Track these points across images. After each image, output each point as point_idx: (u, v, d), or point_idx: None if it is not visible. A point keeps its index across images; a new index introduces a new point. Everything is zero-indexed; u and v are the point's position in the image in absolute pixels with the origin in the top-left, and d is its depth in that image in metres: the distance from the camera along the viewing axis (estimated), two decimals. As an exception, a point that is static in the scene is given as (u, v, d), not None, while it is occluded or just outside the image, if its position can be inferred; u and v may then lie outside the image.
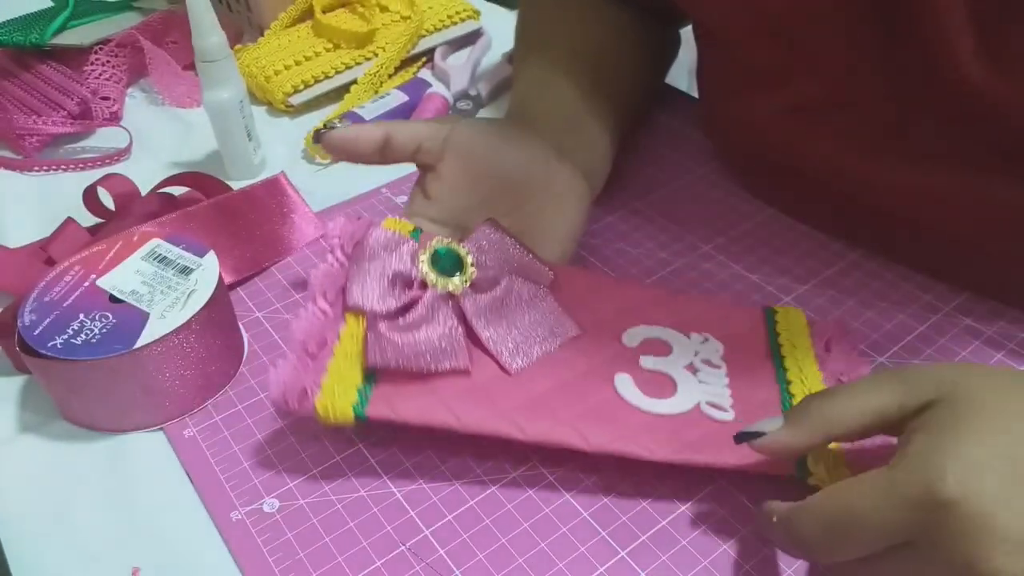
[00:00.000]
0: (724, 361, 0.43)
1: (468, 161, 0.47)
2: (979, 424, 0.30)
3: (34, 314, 0.43)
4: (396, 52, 0.72)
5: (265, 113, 0.70)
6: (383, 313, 0.40)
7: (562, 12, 0.60)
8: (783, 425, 0.35)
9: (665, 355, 0.43)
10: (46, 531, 0.40)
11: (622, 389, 0.41)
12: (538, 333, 0.43)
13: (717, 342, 0.44)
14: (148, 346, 0.42)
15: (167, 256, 0.47)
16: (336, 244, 0.45)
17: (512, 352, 0.42)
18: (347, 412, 0.38)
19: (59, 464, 0.43)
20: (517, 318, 0.43)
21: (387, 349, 0.39)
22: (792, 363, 0.43)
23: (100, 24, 0.73)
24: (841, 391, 0.34)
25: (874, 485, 0.30)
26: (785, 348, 0.44)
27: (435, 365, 0.40)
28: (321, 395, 0.38)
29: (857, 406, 0.34)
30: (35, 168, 0.64)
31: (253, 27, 0.80)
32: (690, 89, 0.68)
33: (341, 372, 0.39)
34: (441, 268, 0.42)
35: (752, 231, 0.55)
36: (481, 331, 0.42)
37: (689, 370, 0.42)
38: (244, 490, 0.41)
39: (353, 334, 0.41)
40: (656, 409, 0.40)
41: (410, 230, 0.46)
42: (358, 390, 0.39)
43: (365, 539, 0.39)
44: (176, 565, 0.38)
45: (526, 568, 0.37)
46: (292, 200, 0.56)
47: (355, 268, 0.42)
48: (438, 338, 0.40)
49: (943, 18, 0.39)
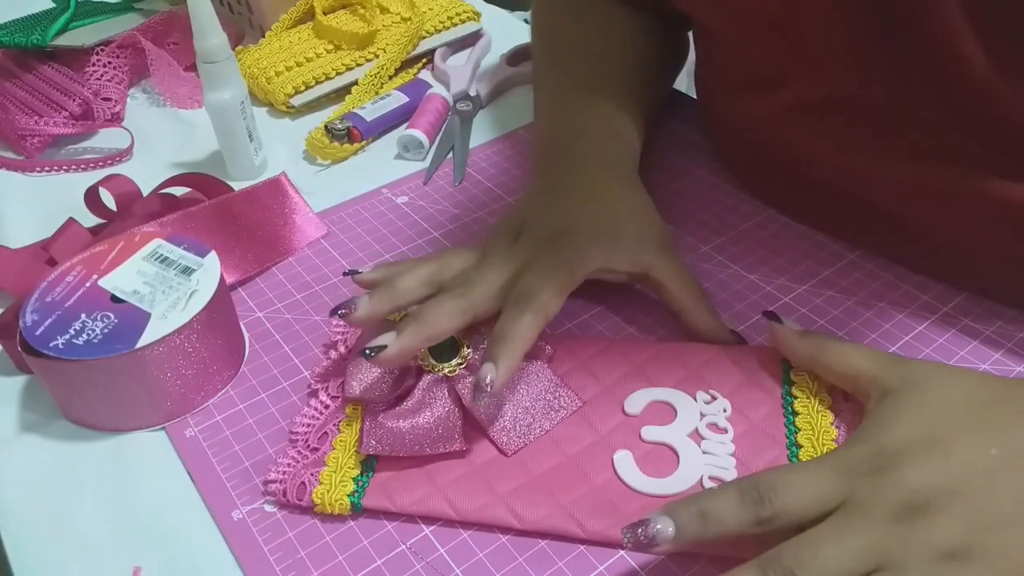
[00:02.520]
0: (730, 424, 0.41)
1: None
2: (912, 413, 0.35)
3: (36, 314, 0.43)
4: (397, 53, 0.72)
5: (266, 114, 0.70)
6: (381, 401, 0.42)
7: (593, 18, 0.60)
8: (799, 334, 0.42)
9: (668, 423, 0.42)
10: (48, 530, 0.40)
11: (621, 470, 0.40)
12: (536, 409, 0.42)
13: (724, 400, 0.43)
14: (150, 346, 0.42)
15: (169, 256, 0.47)
16: (340, 340, 0.47)
17: (509, 433, 0.42)
18: (344, 503, 0.39)
19: (61, 464, 0.43)
20: (514, 397, 0.43)
21: (383, 437, 0.40)
22: (804, 412, 0.42)
23: (102, 25, 0.74)
24: (845, 342, 0.42)
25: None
26: (799, 399, 0.42)
27: (430, 450, 0.40)
28: (319, 487, 0.39)
29: (849, 355, 0.40)
30: (37, 169, 0.64)
31: (254, 28, 0.80)
32: (689, 90, 0.68)
33: (339, 462, 0.40)
34: (437, 353, 0.43)
35: (751, 231, 0.55)
36: (477, 413, 0.41)
37: (693, 438, 0.41)
38: (245, 489, 0.41)
39: (352, 424, 0.42)
40: (656, 490, 0.39)
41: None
42: (355, 480, 0.40)
43: (366, 538, 0.39)
44: (177, 564, 0.38)
45: (526, 567, 0.38)
46: (293, 201, 0.56)
47: (355, 361, 0.43)
48: (434, 423, 0.40)
49: (945, 14, 0.39)
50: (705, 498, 0.33)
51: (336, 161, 0.64)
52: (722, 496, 0.33)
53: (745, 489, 0.33)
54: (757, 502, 0.32)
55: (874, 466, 0.33)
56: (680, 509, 0.33)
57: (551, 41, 0.62)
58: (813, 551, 0.31)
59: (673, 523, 0.32)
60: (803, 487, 0.33)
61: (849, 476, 0.33)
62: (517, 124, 0.68)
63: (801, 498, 0.33)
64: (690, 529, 0.32)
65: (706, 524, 0.32)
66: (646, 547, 0.32)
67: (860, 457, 0.34)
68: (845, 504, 0.32)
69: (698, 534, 0.33)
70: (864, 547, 0.31)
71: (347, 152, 0.64)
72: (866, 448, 0.34)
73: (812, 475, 0.33)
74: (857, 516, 0.32)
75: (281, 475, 0.40)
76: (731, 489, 0.33)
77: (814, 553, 0.31)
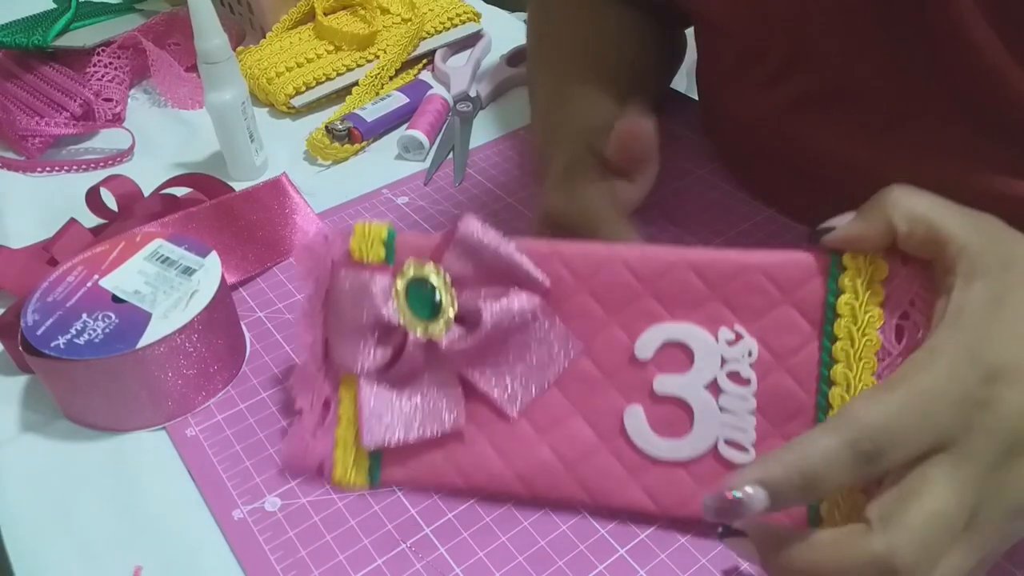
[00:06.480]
0: (754, 373, 0.37)
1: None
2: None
3: (37, 314, 0.43)
4: (397, 54, 0.72)
5: (267, 115, 0.70)
6: (369, 372, 0.39)
7: (585, 17, 0.60)
8: (854, 218, 0.35)
9: (684, 371, 0.38)
10: (49, 530, 0.40)
11: (632, 430, 0.38)
12: (534, 364, 0.39)
13: (750, 340, 0.37)
14: (151, 346, 0.42)
15: (169, 256, 0.47)
16: (310, 279, 0.42)
17: (509, 396, 0.39)
18: (363, 481, 0.40)
19: (62, 463, 0.43)
20: (508, 353, 0.39)
21: (374, 431, 0.38)
22: (842, 356, 0.36)
23: (103, 26, 0.74)
24: (925, 193, 0.34)
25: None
26: (841, 333, 0.36)
27: (428, 431, 0.39)
28: (336, 468, 0.40)
29: (927, 206, 0.33)
30: (38, 169, 0.64)
31: (255, 29, 0.80)
32: (689, 90, 0.68)
33: (347, 441, 0.40)
34: (417, 306, 0.39)
35: (751, 231, 0.55)
36: (473, 379, 0.39)
37: (712, 391, 0.37)
38: (246, 489, 0.41)
39: (351, 395, 0.40)
40: (667, 455, 0.37)
41: (383, 236, 0.40)
42: (369, 456, 0.40)
43: (366, 537, 0.39)
44: (178, 564, 0.39)
45: (526, 567, 0.38)
46: (294, 201, 0.56)
47: (332, 321, 0.40)
48: (425, 401, 0.39)
49: (952, 2, 0.38)
50: (807, 459, 0.29)
51: (337, 162, 0.64)
52: (827, 454, 0.29)
53: (856, 441, 0.29)
54: (872, 459, 0.29)
55: (979, 400, 0.30)
56: (777, 476, 0.29)
57: (543, 42, 0.62)
58: (927, 537, 0.28)
59: (767, 493, 0.29)
60: (918, 432, 0.29)
61: (958, 412, 0.29)
62: (517, 125, 0.68)
63: (915, 445, 0.29)
64: (789, 498, 0.29)
65: (809, 492, 0.29)
66: (731, 517, 0.29)
67: (968, 386, 0.30)
68: (953, 449, 0.29)
69: (797, 502, 0.30)
70: (970, 504, 0.29)
71: (347, 153, 0.64)
72: (972, 371, 0.30)
73: (923, 417, 0.29)
74: (967, 468, 0.29)
75: (296, 454, 0.41)
76: (838, 445, 0.29)
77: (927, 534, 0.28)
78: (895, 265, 0.35)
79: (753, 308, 0.37)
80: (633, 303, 0.39)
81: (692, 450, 0.37)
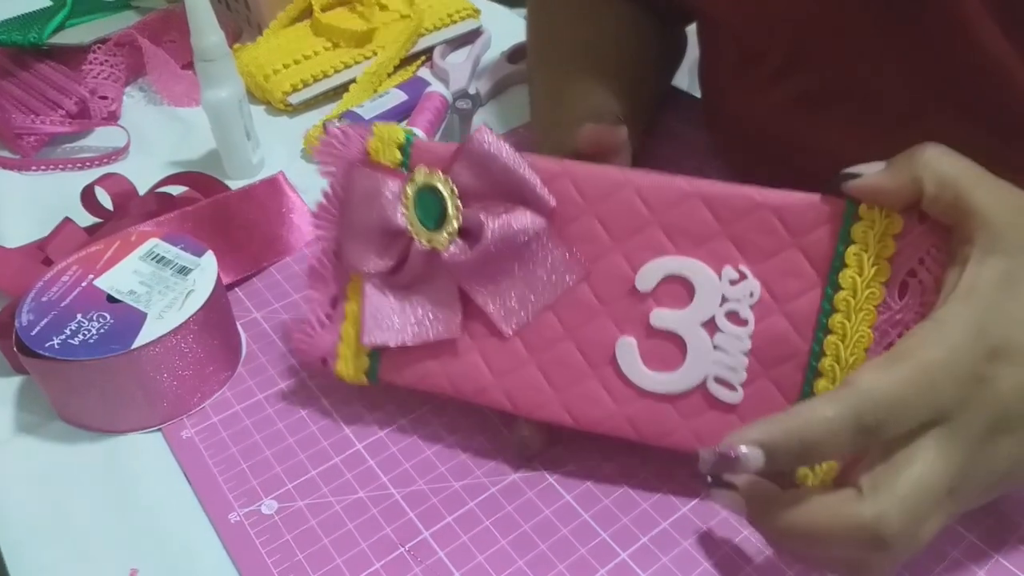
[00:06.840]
0: (753, 314, 0.36)
1: None
2: None
3: (31, 314, 0.43)
4: (395, 51, 0.71)
5: (264, 112, 0.70)
6: (374, 274, 0.41)
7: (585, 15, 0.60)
8: (883, 169, 0.34)
9: (683, 307, 0.37)
10: (44, 532, 0.40)
11: (622, 360, 0.38)
12: (533, 284, 0.39)
13: (753, 281, 0.36)
14: (146, 346, 0.41)
15: (165, 256, 0.46)
16: (328, 175, 0.43)
17: (505, 314, 0.40)
18: (361, 378, 0.42)
19: (57, 465, 0.43)
20: (509, 270, 0.39)
21: (374, 331, 0.41)
22: (843, 306, 0.35)
23: (98, 23, 0.73)
24: (959, 156, 0.34)
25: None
26: (845, 283, 0.35)
27: (424, 337, 0.40)
28: (339, 362, 0.42)
29: (959, 171, 0.33)
30: (33, 167, 0.64)
31: (252, 26, 0.80)
32: (691, 88, 0.68)
33: (351, 337, 0.42)
34: (424, 215, 0.39)
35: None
36: (472, 293, 0.40)
37: (707, 329, 0.37)
38: (242, 491, 0.41)
39: (357, 294, 0.42)
40: (655, 387, 0.37)
41: (400, 139, 0.41)
42: (368, 355, 0.42)
43: (364, 541, 0.38)
44: (174, 566, 0.38)
45: (526, 570, 0.37)
46: (291, 200, 0.56)
47: (344, 220, 0.42)
48: (424, 309, 0.41)
49: None
50: (809, 426, 0.29)
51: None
52: (830, 424, 0.29)
53: (861, 415, 0.29)
54: (872, 431, 0.29)
55: (980, 376, 0.30)
56: (777, 440, 0.29)
57: (543, 39, 0.61)
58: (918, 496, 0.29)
59: (763, 455, 0.29)
60: (920, 407, 0.30)
61: (960, 388, 0.30)
62: (517, 122, 0.67)
63: (915, 420, 0.30)
64: (784, 462, 0.30)
65: (804, 458, 0.30)
66: (725, 470, 0.30)
67: (972, 363, 0.30)
68: (947, 423, 0.30)
69: (791, 465, 0.30)
70: (956, 474, 0.30)
71: (345, 150, 0.64)
72: (978, 348, 0.30)
73: (927, 393, 0.30)
74: (958, 441, 0.30)
75: (304, 345, 0.43)
76: (842, 416, 0.29)
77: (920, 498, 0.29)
78: (911, 221, 0.35)
79: (760, 248, 0.37)
80: (640, 232, 0.38)
81: (680, 385, 0.37)
